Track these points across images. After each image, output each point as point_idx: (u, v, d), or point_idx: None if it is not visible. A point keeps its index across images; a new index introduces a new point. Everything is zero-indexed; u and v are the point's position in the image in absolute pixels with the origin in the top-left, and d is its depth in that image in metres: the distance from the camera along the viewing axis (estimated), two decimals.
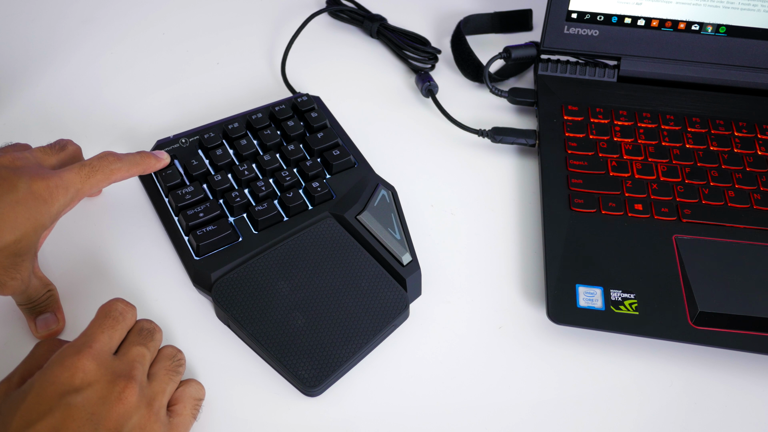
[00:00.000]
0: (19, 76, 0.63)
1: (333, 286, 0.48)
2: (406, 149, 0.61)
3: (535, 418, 0.45)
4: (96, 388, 0.36)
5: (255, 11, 0.72)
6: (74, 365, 0.36)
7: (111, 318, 0.40)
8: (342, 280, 0.48)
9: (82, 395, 0.35)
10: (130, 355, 0.39)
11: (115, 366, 0.38)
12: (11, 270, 0.42)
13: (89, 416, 0.35)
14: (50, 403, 0.35)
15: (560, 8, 0.61)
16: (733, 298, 0.48)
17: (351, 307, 0.47)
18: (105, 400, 0.36)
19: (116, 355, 0.39)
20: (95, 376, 0.36)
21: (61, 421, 0.34)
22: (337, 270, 0.49)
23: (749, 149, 0.58)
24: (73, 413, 0.35)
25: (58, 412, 0.35)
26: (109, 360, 0.38)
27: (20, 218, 0.41)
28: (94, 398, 0.35)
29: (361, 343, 0.46)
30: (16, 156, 0.44)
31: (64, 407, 0.35)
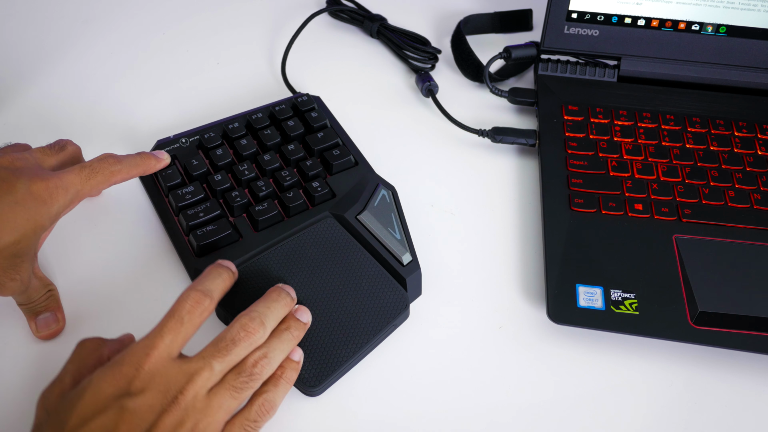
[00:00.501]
0: (19, 76, 0.63)
1: (333, 286, 0.48)
2: (407, 149, 0.61)
3: (535, 417, 0.45)
4: (148, 396, 0.36)
5: (255, 11, 0.72)
6: (132, 371, 0.37)
7: (175, 319, 0.39)
8: (342, 280, 0.48)
9: (135, 400, 0.36)
10: (192, 369, 0.38)
11: (172, 375, 0.37)
12: (10, 271, 0.42)
13: (140, 422, 0.35)
14: (105, 403, 0.36)
15: (560, 8, 0.61)
16: (733, 298, 0.48)
17: (351, 307, 0.47)
18: (153, 410, 0.36)
19: (182, 362, 0.38)
20: (150, 384, 0.36)
21: (114, 422, 0.35)
22: (337, 270, 0.49)
23: (749, 149, 0.58)
24: (125, 416, 0.35)
25: (112, 412, 0.35)
26: (167, 366, 0.37)
27: (19, 219, 0.41)
28: (145, 406, 0.36)
29: (361, 343, 0.46)
30: (15, 157, 0.44)
31: (118, 409, 0.35)
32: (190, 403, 0.37)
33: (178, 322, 0.39)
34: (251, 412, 0.40)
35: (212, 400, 0.38)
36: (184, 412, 0.37)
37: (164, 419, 0.36)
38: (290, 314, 0.44)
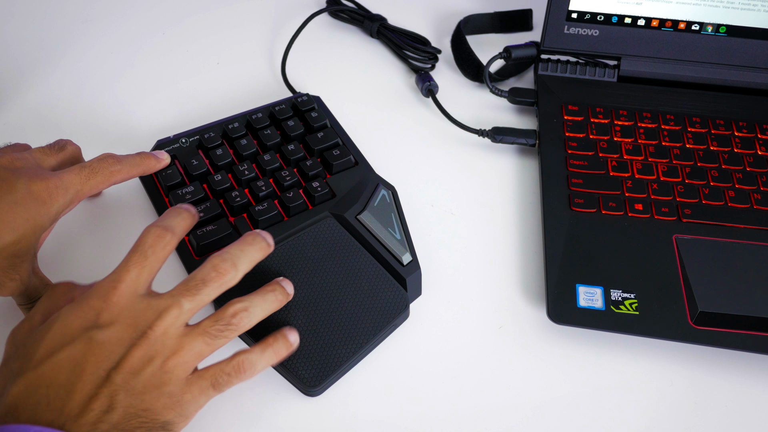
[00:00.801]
0: (18, 76, 0.63)
1: (333, 285, 0.48)
2: (407, 149, 0.61)
3: (535, 417, 0.45)
4: (117, 328, 0.36)
5: (255, 11, 0.72)
6: (100, 303, 0.37)
7: (138, 254, 0.39)
8: (342, 279, 0.48)
9: (103, 332, 0.36)
10: (161, 305, 0.38)
11: (140, 310, 0.37)
12: (10, 271, 0.42)
13: (108, 354, 0.36)
14: (73, 335, 0.36)
15: (560, 8, 0.61)
16: (733, 298, 0.48)
17: (351, 307, 0.47)
18: (122, 343, 0.36)
19: (150, 297, 0.38)
20: (118, 317, 0.37)
21: (82, 353, 0.35)
22: (338, 270, 0.49)
23: (749, 149, 0.58)
24: (94, 348, 0.35)
25: (80, 344, 0.36)
26: (135, 301, 0.38)
27: (19, 219, 0.41)
28: (114, 338, 0.36)
29: (361, 343, 0.46)
30: (15, 156, 0.44)
31: (87, 341, 0.36)
32: (159, 339, 0.37)
33: (141, 256, 0.39)
34: (228, 366, 0.39)
35: (184, 341, 0.38)
36: (153, 347, 0.37)
37: (133, 353, 0.36)
38: (276, 280, 0.44)
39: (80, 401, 0.35)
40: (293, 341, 0.43)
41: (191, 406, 0.38)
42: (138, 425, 0.36)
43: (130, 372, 0.36)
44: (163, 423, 0.37)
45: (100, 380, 0.35)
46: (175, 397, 0.37)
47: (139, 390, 0.36)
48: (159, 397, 0.37)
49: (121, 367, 0.36)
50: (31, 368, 0.35)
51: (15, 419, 0.34)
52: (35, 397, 0.34)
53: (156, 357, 0.37)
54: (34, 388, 0.35)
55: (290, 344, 0.42)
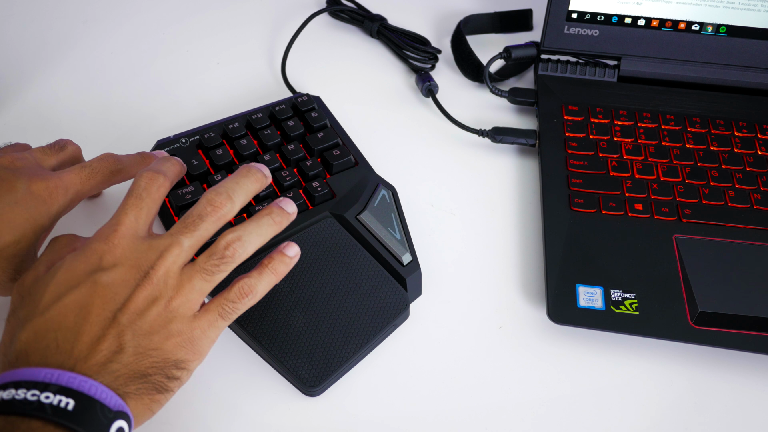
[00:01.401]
0: (18, 76, 0.63)
1: (333, 285, 0.48)
2: (407, 149, 0.61)
3: (535, 417, 0.45)
4: (120, 270, 0.37)
5: (255, 11, 0.72)
6: (102, 247, 0.38)
7: (133, 197, 0.40)
8: (342, 279, 0.48)
9: (108, 274, 0.37)
10: (162, 245, 0.38)
11: (141, 251, 0.38)
12: (10, 270, 0.42)
13: (113, 295, 0.36)
14: (79, 279, 0.36)
15: (560, 8, 0.61)
16: (733, 298, 0.48)
17: (351, 307, 0.47)
18: (127, 284, 0.37)
19: (151, 238, 0.39)
20: (121, 259, 0.37)
21: (88, 296, 0.36)
22: (338, 270, 0.49)
23: (749, 149, 0.58)
24: (99, 290, 0.36)
25: (85, 287, 0.36)
26: (136, 243, 0.38)
27: (19, 219, 0.41)
28: (118, 280, 0.37)
29: (361, 342, 0.46)
30: (15, 156, 0.44)
31: (92, 283, 0.36)
32: (162, 278, 0.37)
33: (137, 199, 0.40)
34: (230, 293, 0.40)
35: (184, 279, 0.38)
36: (157, 288, 0.37)
37: (137, 294, 0.37)
38: (275, 201, 0.43)
39: (88, 342, 0.35)
40: (291, 254, 0.43)
41: (203, 341, 0.39)
42: (150, 365, 0.36)
43: (135, 312, 0.36)
44: (175, 361, 0.37)
45: (106, 321, 0.36)
46: (185, 334, 0.38)
47: (146, 330, 0.36)
48: (168, 337, 0.37)
49: (127, 308, 0.36)
50: (39, 314, 0.36)
51: (26, 363, 0.34)
52: (44, 341, 0.35)
53: (160, 297, 0.37)
54: (43, 333, 0.35)
55: (289, 260, 0.42)
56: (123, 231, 0.38)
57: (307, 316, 0.46)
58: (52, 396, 0.32)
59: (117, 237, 0.38)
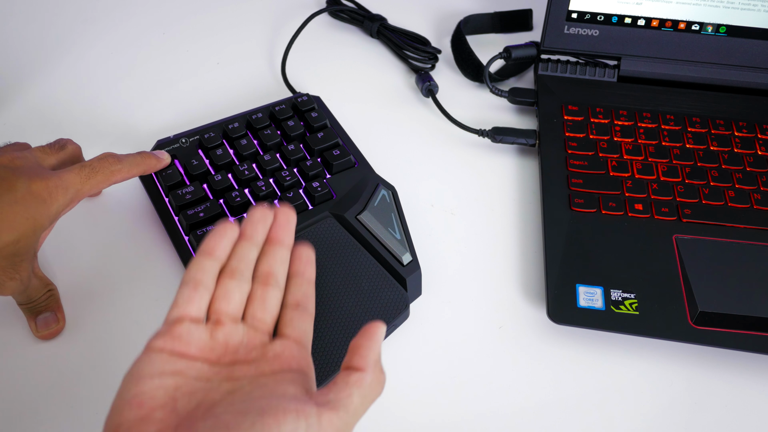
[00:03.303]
0: (18, 75, 0.63)
1: (333, 286, 0.48)
2: (407, 149, 0.61)
3: (535, 417, 0.45)
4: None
5: (255, 11, 0.72)
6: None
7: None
8: (342, 280, 0.48)
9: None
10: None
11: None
12: (10, 270, 0.42)
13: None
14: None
15: (560, 8, 0.61)
16: (733, 298, 0.48)
17: (351, 307, 0.47)
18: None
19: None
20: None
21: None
22: (338, 270, 0.49)
23: (749, 149, 0.58)
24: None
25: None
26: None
27: (19, 218, 0.41)
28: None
29: None
30: (15, 155, 0.44)
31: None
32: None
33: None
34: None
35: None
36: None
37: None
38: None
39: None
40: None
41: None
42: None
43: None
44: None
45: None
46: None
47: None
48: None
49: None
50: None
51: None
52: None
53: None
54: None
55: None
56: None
57: None
58: None
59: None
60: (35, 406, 0.44)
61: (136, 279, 0.50)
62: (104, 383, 0.45)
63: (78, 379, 0.45)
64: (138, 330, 0.48)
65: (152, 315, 0.48)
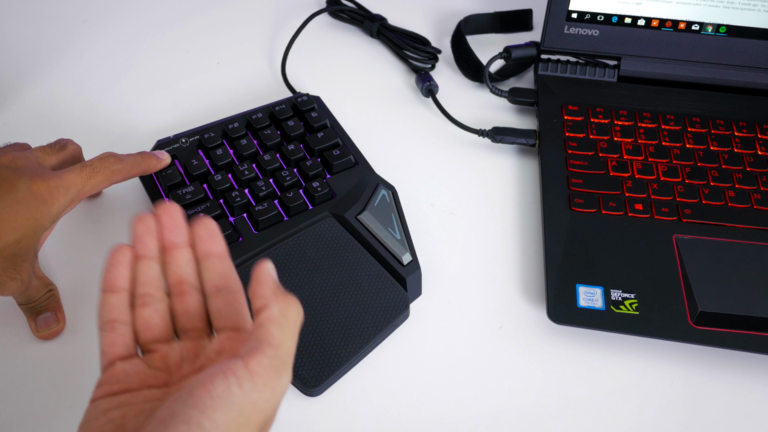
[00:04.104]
0: (18, 75, 0.63)
1: (333, 285, 0.48)
2: (407, 149, 0.61)
3: (535, 417, 0.45)
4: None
5: (255, 11, 0.72)
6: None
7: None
8: (342, 279, 0.48)
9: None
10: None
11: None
12: (11, 270, 0.42)
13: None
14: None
15: (560, 8, 0.61)
16: (733, 298, 0.48)
17: (351, 307, 0.47)
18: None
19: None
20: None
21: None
22: (338, 270, 0.49)
23: (749, 149, 0.58)
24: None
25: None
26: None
27: (20, 219, 0.41)
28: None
29: (361, 342, 0.46)
30: (16, 155, 0.44)
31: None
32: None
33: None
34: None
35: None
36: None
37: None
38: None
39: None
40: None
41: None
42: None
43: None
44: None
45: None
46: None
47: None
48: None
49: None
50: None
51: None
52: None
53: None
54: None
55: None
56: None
57: (307, 316, 0.46)
58: None
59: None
60: (35, 406, 0.44)
61: None
62: None
63: (78, 379, 0.45)
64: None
65: None
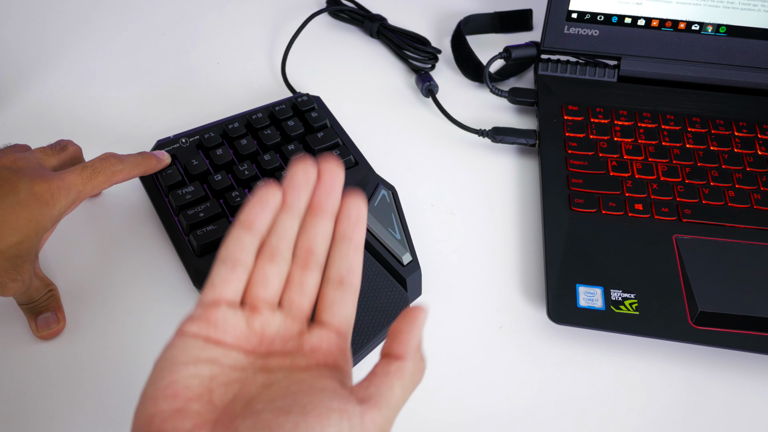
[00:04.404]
0: (18, 76, 0.63)
1: None
2: (407, 149, 0.61)
3: (534, 418, 0.45)
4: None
5: (255, 11, 0.72)
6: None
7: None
8: None
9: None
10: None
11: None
12: (12, 272, 0.42)
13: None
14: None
15: (560, 8, 0.61)
16: (733, 298, 0.48)
17: None
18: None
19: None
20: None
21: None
22: None
23: (749, 149, 0.58)
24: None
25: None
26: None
27: (21, 220, 0.41)
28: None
29: (361, 342, 0.46)
30: (17, 157, 0.44)
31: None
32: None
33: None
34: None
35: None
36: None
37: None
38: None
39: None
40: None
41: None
42: None
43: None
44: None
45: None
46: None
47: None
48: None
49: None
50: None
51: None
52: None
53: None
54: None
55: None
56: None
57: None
58: None
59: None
60: (35, 406, 0.44)
61: (136, 279, 0.50)
62: (104, 383, 0.45)
63: (78, 379, 0.45)
64: (137, 330, 0.48)
65: (152, 315, 0.48)
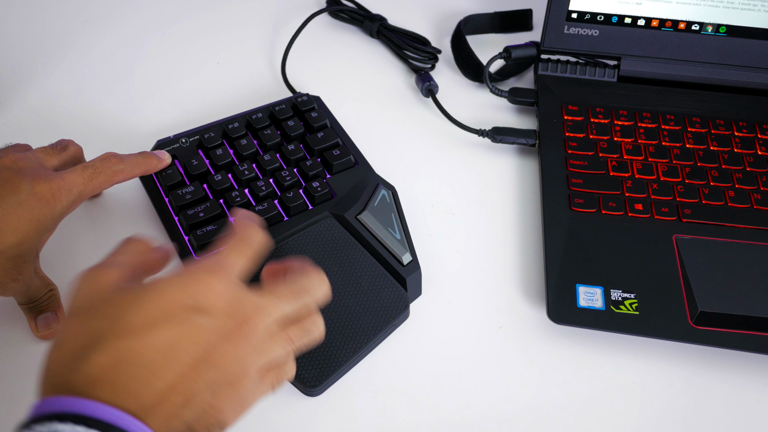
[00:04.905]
0: (18, 76, 0.63)
1: (333, 285, 0.48)
2: (407, 149, 0.61)
3: (535, 417, 0.45)
4: (218, 316, 0.33)
5: (255, 11, 0.72)
6: (207, 282, 0.34)
7: (240, 241, 0.37)
8: (342, 279, 0.48)
9: (205, 318, 0.33)
10: (261, 302, 0.35)
11: (240, 301, 0.34)
12: (13, 271, 0.42)
13: (203, 342, 0.33)
14: (176, 313, 0.33)
15: (560, 8, 0.61)
16: (733, 298, 0.48)
17: (351, 307, 0.47)
18: (218, 332, 0.33)
19: (250, 290, 0.35)
20: (221, 303, 0.34)
21: (180, 336, 0.32)
22: (338, 270, 0.49)
23: (749, 149, 0.58)
24: (191, 332, 0.32)
25: (180, 325, 0.32)
26: (237, 289, 0.35)
27: (23, 220, 0.41)
28: (211, 326, 0.33)
29: (361, 342, 0.46)
30: (18, 157, 0.44)
31: (187, 323, 0.32)
32: (250, 334, 0.34)
33: (243, 244, 0.37)
34: (287, 369, 0.38)
35: (265, 341, 0.35)
36: (242, 342, 0.34)
37: (225, 345, 0.33)
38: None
39: (161, 389, 0.31)
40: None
41: (249, 407, 0.35)
42: (203, 421, 0.32)
43: (218, 366, 0.33)
44: (220, 422, 0.33)
45: (185, 368, 0.32)
46: (244, 400, 0.34)
47: (220, 385, 0.33)
48: (231, 396, 0.33)
49: (212, 358, 0.32)
50: (124, 336, 0.31)
51: (93, 394, 0.30)
52: (122, 376, 0.31)
53: (241, 352, 0.34)
54: (125, 364, 0.31)
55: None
56: (226, 274, 0.35)
57: None
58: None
59: (219, 278, 0.34)
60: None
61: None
62: None
63: None
64: None
65: None
